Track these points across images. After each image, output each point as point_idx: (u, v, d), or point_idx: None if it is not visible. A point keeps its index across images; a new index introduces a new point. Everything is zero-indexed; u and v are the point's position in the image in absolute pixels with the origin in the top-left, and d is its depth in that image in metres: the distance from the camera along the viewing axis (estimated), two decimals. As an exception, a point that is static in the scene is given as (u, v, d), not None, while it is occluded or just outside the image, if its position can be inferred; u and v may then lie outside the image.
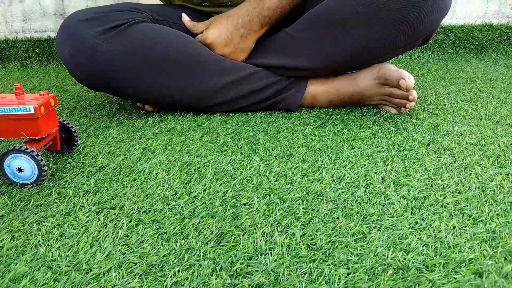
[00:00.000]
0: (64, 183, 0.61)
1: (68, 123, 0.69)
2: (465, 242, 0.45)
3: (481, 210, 0.52)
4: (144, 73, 0.81)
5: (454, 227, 0.48)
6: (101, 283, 0.40)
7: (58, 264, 0.43)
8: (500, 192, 0.56)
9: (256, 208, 0.53)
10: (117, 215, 0.52)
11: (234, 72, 0.85)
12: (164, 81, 0.82)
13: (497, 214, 0.51)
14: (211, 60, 0.84)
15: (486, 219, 0.50)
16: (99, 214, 0.52)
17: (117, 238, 0.47)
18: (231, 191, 0.57)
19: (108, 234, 0.48)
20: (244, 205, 0.54)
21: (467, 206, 0.53)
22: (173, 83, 0.83)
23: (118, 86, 0.84)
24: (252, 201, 0.55)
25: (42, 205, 0.55)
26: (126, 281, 0.40)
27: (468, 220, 0.50)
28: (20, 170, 0.59)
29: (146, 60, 0.80)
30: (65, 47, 0.82)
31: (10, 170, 0.59)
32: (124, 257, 0.44)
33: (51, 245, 0.46)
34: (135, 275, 0.41)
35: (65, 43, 0.82)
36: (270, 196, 0.56)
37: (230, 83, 0.85)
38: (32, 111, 0.59)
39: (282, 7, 0.90)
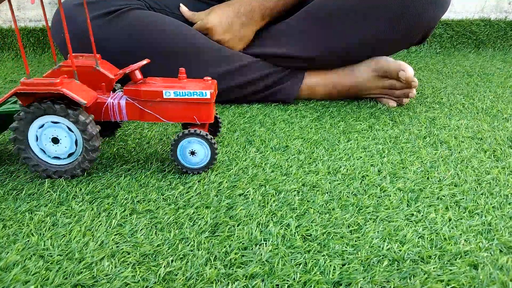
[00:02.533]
0: (57, 172, 0.60)
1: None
2: (460, 234, 0.45)
3: (477, 203, 0.51)
4: (139, 60, 0.80)
5: (450, 219, 0.48)
6: (94, 272, 0.40)
7: (50, 253, 0.42)
8: (496, 185, 0.56)
9: (252, 199, 0.53)
10: (111, 204, 0.51)
11: (230, 61, 0.84)
12: (158, 69, 0.82)
13: (493, 207, 0.50)
14: (208, 49, 0.83)
15: (482, 211, 0.50)
16: (92, 204, 0.52)
17: (110, 227, 0.47)
18: (227, 182, 0.57)
19: (101, 224, 0.48)
20: (239, 195, 0.54)
21: (463, 198, 0.52)
22: (168, 72, 0.82)
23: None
24: (248, 192, 0.54)
25: (35, 194, 0.54)
26: (119, 271, 0.40)
27: (464, 213, 0.49)
28: (192, 153, 0.58)
29: (141, 47, 0.80)
30: (60, 31, 0.81)
31: (182, 154, 0.58)
32: (117, 247, 0.43)
33: (43, 234, 0.46)
34: (128, 264, 0.41)
35: (60, 27, 0.81)
36: (265, 187, 0.55)
37: (226, 73, 0.84)
38: (208, 96, 0.58)
39: (285, 1, 0.89)
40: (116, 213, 0.50)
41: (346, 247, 0.43)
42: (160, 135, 0.73)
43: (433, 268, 0.40)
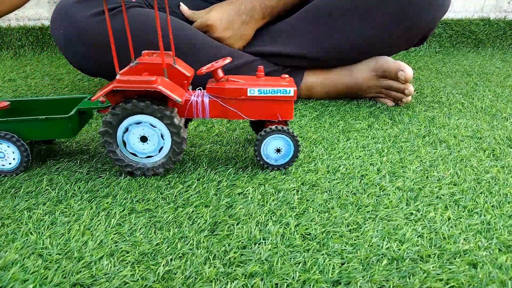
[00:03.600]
0: (56, 170, 0.60)
1: None
2: (460, 233, 0.45)
3: (476, 202, 0.51)
4: (136, 58, 0.80)
5: (449, 218, 0.48)
6: (93, 271, 0.40)
7: (49, 252, 0.42)
8: (495, 184, 0.56)
9: (251, 198, 0.53)
10: (110, 203, 0.51)
11: (231, 59, 0.84)
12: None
13: (492, 206, 0.50)
14: (207, 47, 0.83)
15: (481, 210, 0.50)
16: (91, 202, 0.52)
17: (109, 226, 0.47)
18: (226, 180, 0.57)
19: (100, 223, 0.47)
20: (239, 194, 0.54)
21: (463, 197, 0.52)
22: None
23: (110, 70, 0.82)
24: (247, 190, 0.54)
25: (33, 192, 0.54)
26: (118, 269, 0.40)
27: (463, 212, 0.49)
28: (278, 150, 0.58)
29: (139, 46, 0.79)
30: (59, 28, 0.81)
31: (266, 151, 0.58)
32: (116, 246, 0.43)
33: (42, 232, 0.46)
34: (127, 263, 0.41)
35: (59, 24, 0.81)
36: (265, 186, 0.55)
37: (225, 71, 0.84)
38: (292, 93, 0.58)
39: (285, 1, 0.89)
40: (115, 212, 0.49)
41: (345, 246, 0.43)
42: (159, 134, 0.73)
43: (432, 267, 0.40)
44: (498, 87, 1.03)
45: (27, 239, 0.45)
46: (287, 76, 0.61)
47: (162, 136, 0.56)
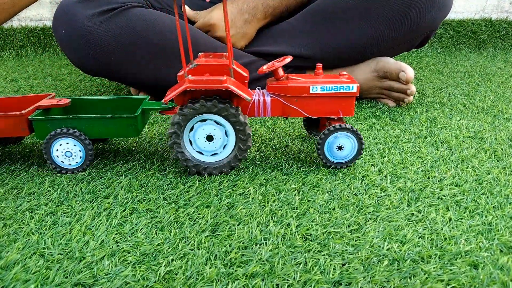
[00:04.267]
0: (57, 171, 0.60)
1: None
2: (461, 234, 0.45)
3: (478, 203, 0.51)
4: (138, 58, 0.80)
5: (450, 219, 0.48)
6: (94, 271, 0.40)
7: (50, 252, 0.43)
8: (497, 184, 0.56)
9: (252, 198, 0.53)
10: (111, 203, 0.51)
11: (231, 61, 0.84)
12: (159, 67, 0.82)
13: (493, 207, 0.50)
14: (208, 47, 0.83)
15: (482, 211, 0.49)
16: (92, 203, 0.52)
17: (110, 226, 0.47)
18: (227, 181, 0.57)
19: (101, 223, 0.48)
20: (240, 195, 0.54)
21: (464, 198, 0.52)
22: (168, 70, 0.82)
23: (111, 70, 0.83)
24: (248, 191, 0.54)
25: (35, 193, 0.54)
26: (119, 270, 0.40)
27: (464, 213, 0.49)
28: (340, 148, 0.58)
29: (141, 46, 0.79)
30: (61, 27, 0.81)
31: (329, 149, 0.59)
32: (117, 246, 0.43)
33: (44, 233, 0.46)
34: (128, 263, 0.41)
35: (61, 23, 0.81)
36: (266, 186, 0.55)
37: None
38: (355, 90, 0.58)
39: (288, 1, 0.89)
40: (117, 212, 0.50)
41: (346, 247, 0.43)
42: (161, 135, 0.73)
43: (433, 268, 0.40)
44: (499, 88, 1.02)
45: (28, 239, 0.45)
46: (345, 73, 0.61)
47: (227, 134, 0.57)
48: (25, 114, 0.58)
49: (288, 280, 0.38)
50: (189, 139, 0.57)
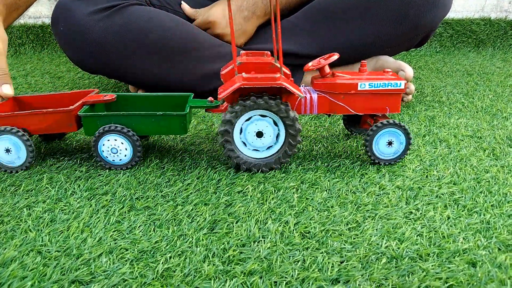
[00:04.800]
0: (55, 168, 0.60)
1: None
2: (459, 232, 0.45)
3: (476, 201, 0.51)
4: (137, 56, 0.80)
5: (448, 218, 0.48)
6: (91, 268, 0.40)
7: (48, 249, 0.42)
8: (495, 183, 0.56)
9: (250, 196, 0.52)
10: (109, 201, 0.51)
11: (229, 58, 0.84)
12: (158, 65, 0.81)
13: (491, 205, 0.50)
14: (207, 46, 0.83)
15: (480, 210, 0.49)
16: (90, 200, 0.52)
17: (108, 224, 0.47)
18: (225, 179, 0.57)
19: (99, 220, 0.47)
20: (238, 193, 0.54)
21: (462, 197, 0.52)
22: (167, 68, 0.82)
23: (110, 68, 0.82)
24: (247, 189, 0.54)
25: (33, 190, 0.54)
26: (117, 267, 0.40)
27: (462, 211, 0.49)
28: (390, 144, 0.59)
29: (140, 44, 0.79)
30: (59, 25, 0.81)
31: (377, 145, 0.59)
32: (115, 243, 0.43)
33: (41, 230, 0.46)
34: (126, 261, 0.41)
35: (59, 21, 0.81)
36: (264, 184, 0.55)
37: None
38: (402, 86, 0.59)
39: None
40: (115, 209, 0.49)
41: (344, 245, 0.43)
42: (159, 132, 0.73)
43: (432, 265, 0.40)
44: (498, 87, 1.03)
45: (26, 236, 0.45)
46: (390, 70, 0.62)
47: (277, 130, 0.57)
48: (73, 110, 0.58)
49: (286, 277, 0.38)
50: (240, 137, 0.57)
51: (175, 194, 0.53)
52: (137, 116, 0.58)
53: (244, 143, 0.58)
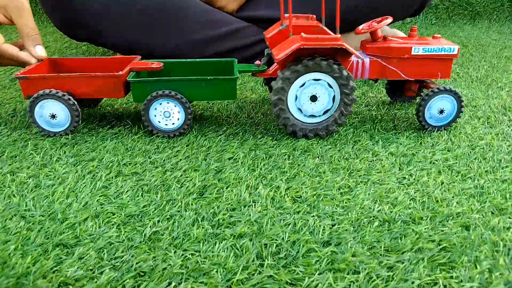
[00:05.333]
0: (41, 135, 0.58)
1: None
2: (453, 197, 0.45)
3: (470, 167, 0.51)
4: (126, 23, 0.77)
5: (442, 183, 0.47)
6: (77, 232, 0.38)
7: (32, 214, 0.41)
8: (489, 150, 0.55)
9: (241, 163, 0.51)
10: (96, 167, 0.50)
11: (221, 25, 0.81)
12: (146, 32, 0.79)
13: (485, 171, 0.50)
14: (198, 11, 0.80)
15: (474, 175, 0.49)
16: (76, 166, 0.50)
17: (95, 189, 0.46)
18: (216, 146, 0.56)
19: (85, 185, 0.46)
20: (229, 159, 0.52)
21: (456, 163, 0.51)
22: (156, 34, 0.79)
23: (98, 36, 0.80)
24: (237, 156, 0.53)
25: (17, 157, 0.52)
26: (103, 231, 0.39)
27: (456, 177, 0.49)
28: (442, 111, 0.58)
29: (128, 10, 0.76)
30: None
31: (430, 112, 0.58)
32: (101, 208, 0.42)
33: (25, 195, 0.44)
34: (112, 224, 0.40)
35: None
36: (255, 151, 0.54)
37: (217, 37, 0.81)
38: (456, 52, 0.58)
39: None
40: (101, 175, 0.48)
41: (336, 209, 0.42)
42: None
43: (425, 229, 0.39)
44: (494, 58, 1.01)
45: (9, 202, 0.43)
46: (439, 35, 0.60)
47: (332, 90, 0.55)
48: (122, 75, 0.56)
49: (276, 240, 0.37)
50: (295, 103, 0.56)
51: (164, 160, 0.52)
52: (187, 81, 0.57)
53: (299, 109, 0.56)
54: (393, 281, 0.33)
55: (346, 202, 0.43)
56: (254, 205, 0.43)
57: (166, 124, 0.57)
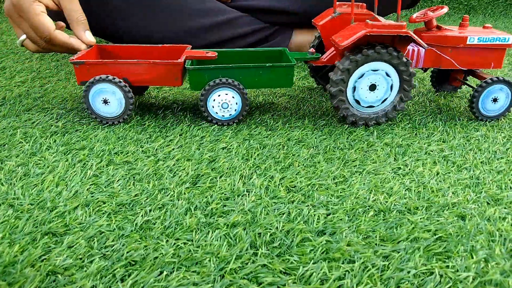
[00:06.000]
0: (31, 124, 0.57)
1: None
2: (448, 187, 0.44)
3: (465, 158, 0.50)
4: (120, 11, 0.76)
5: (437, 173, 0.47)
6: (66, 220, 0.38)
7: (20, 202, 0.40)
8: (484, 141, 0.54)
9: (235, 153, 0.51)
10: (87, 155, 0.49)
11: (214, 14, 0.80)
12: (142, 21, 0.77)
13: (481, 162, 0.49)
14: (191, 0, 0.79)
15: (470, 166, 0.48)
16: (67, 154, 0.49)
17: (85, 177, 0.45)
18: (209, 136, 0.55)
19: (76, 174, 0.45)
20: (223, 149, 0.52)
21: (452, 153, 0.51)
22: (151, 23, 0.78)
23: (92, 23, 0.78)
24: (231, 145, 0.52)
25: (6, 145, 0.51)
26: (93, 219, 0.38)
27: (452, 167, 0.48)
28: (495, 100, 0.58)
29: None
30: None
31: (483, 102, 0.58)
32: (92, 196, 0.41)
33: (14, 183, 0.43)
34: (103, 213, 0.39)
35: None
36: (249, 141, 0.53)
37: (211, 26, 0.80)
38: (510, 42, 0.57)
39: None
40: (92, 164, 0.47)
41: (331, 198, 0.42)
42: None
43: (420, 218, 0.39)
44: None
45: (-3, 190, 0.42)
46: (489, 25, 0.60)
47: (390, 79, 0.55)
48: (181, 63, 0.56)
49: (270, 229, 0.37)
50: (353, 95, 0.56)
51: (156, 149, 0.51)
52: (245, 68, 0.56)
53: (357, 100, 0.56)
54: (389, 270, 0.32)
55: (341, 192, 0.43)
56: (248, 194, 0.42)
57: (223, 113, 0.57)
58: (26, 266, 0.32)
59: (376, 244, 0.35)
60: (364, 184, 0.44)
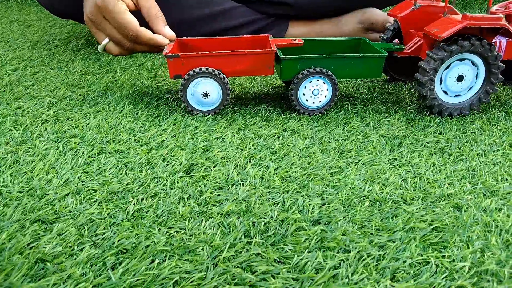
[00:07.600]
0: (21, 112, 0.56)
1: None
2: (444, 178, 0.44)
3: (462, 150, 0.50)
4: None
5: (434, 165, 0.46)
6: (56, 208, 0.37)
7: (9, 190, 0.39)
8: (481, 134, 0.54)
9: (229, 142, 0.50)
10: (78, 144, 0.48)
11: (210, 5, 0.79)
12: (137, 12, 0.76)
13: (477, 154, 0.49)
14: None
15: (466, 158, 0.48)
16: (58, 143, 0.48)
17: (76, 166, 0.44)
18: (204, 126, 0.54)
19: (66, 162, 0.44)
20: (217, 139, 0.51)
21: (448, 145, 0.51)
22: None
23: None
24: (226, 135, 0.52)
25: (-5, 132, 0.50)
26: (83, 207, 0.37)
27: (448, 159, 0.48)
28: None
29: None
30: None
31: None
32: (83, 184, 0.40)
33: (3, 171, 0.42)
34: (94, 201, 0.38)
35: None
36: (244, 131, 0.53)
37: (206, 17, 0.79)
38: None
39: None
40: (83, 152, 0.46)
41: (326, 188, 0.41)
42: (133, 80, 0.69)
43: (416, 209, 0.38)
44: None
45: (-15, 177, 0.41)
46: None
47: (476, 68, 0.56)
48: (274, 51, 0.56)
49: (265, 218, 0.36)
50: (440, 86, 0.56)
51: (149, 139, 0.50)
52: (337, 58, 0.56)
53: (445, 92, 0.57)
54: (384, 260, 0.32)
55: (336, 182, 0.42)
56: (242, 184, 0.42)
57: (313, 102, 0.57)
58: (14, 253, 0.32)
59: (371, 233, 0.35)
60: (359, 174, 0.44)
